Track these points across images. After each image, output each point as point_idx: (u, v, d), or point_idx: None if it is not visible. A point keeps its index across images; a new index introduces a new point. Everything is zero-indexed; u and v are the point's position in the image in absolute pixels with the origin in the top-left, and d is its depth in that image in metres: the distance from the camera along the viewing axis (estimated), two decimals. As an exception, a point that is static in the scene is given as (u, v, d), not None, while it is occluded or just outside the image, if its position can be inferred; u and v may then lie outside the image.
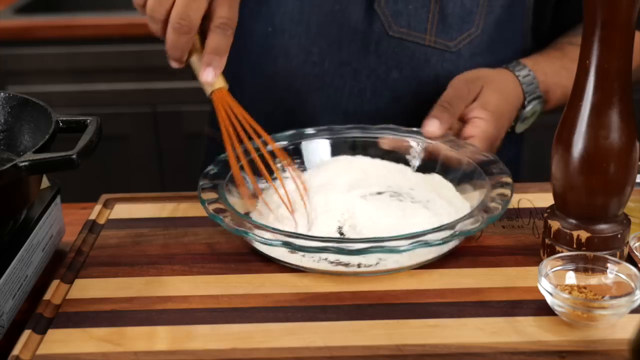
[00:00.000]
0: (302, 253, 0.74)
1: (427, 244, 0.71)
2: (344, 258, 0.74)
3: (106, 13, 1.92)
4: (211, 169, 0.85)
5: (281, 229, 0.76)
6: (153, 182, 2.01)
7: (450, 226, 0.73)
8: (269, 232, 0.73)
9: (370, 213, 0.80)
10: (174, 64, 0.82)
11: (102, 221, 0.87)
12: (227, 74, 0.82)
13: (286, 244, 0.71)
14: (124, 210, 0.89)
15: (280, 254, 0.75)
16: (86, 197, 0.97)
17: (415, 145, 0.90)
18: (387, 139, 0.91)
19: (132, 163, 2.00)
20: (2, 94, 0.82)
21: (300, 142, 0.91)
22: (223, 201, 0.78)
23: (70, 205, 0.93)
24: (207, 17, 0.79)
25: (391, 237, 0.72)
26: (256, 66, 1.07)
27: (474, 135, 0.90)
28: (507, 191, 0.79)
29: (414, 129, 0.92)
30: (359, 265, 0.74)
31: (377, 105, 1.03)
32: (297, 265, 0.75)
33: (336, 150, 0.92)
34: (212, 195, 0.79)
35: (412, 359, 0.64)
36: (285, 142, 0.91)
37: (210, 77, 0.80)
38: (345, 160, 0.90)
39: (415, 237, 0.71)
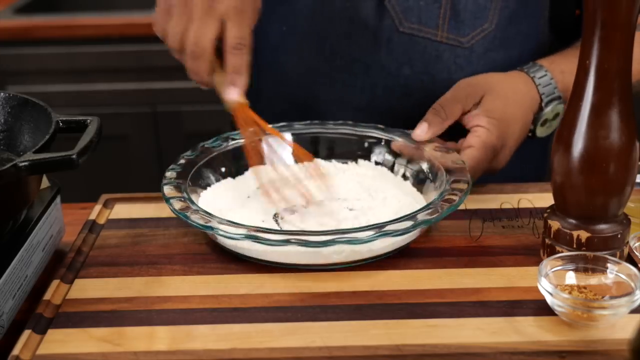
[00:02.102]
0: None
1: (390, 233, 0.72)
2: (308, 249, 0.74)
3: (106, 13, 1.92)
4: (173, 168, 0.86)
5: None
6: (153, 182, 2.00)
7: (411, 217, 0.74)
8: (234, 227, 0.74)
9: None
10: (201, 86, 0.85)
11: (102, 221, 0.87)
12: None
13: (250, 237, 0.72)
14: (124, 210, 0.89)
15: (245, 247, 0.77)
16: (86, 197, 0.97)
17: (377, 142, 0.93)
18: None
19: (132, 163, 2.00)
20: (2, 94, 0.82)
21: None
22: (187, 199, 0.79)
23: (70, 205, 0.93)
24: (222, 38, 0.82)
25: (354, 228, 0.73)
26: (271, 65, 1.08)
27: (472, 145, 0.88)
28: (463, 186, 0.79)
29: (372, 124, 0.94)
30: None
31: (389, 101, 1.03)
32: (261, 260, 0.76)
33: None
34: (175, 193, 0.81)
35: (411, 359, 0.64)
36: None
37: (235, 95, 0.82)
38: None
39: (378, 228, 0.72)
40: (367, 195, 0.86)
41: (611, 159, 0.71)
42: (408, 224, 0.73)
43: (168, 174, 0.85)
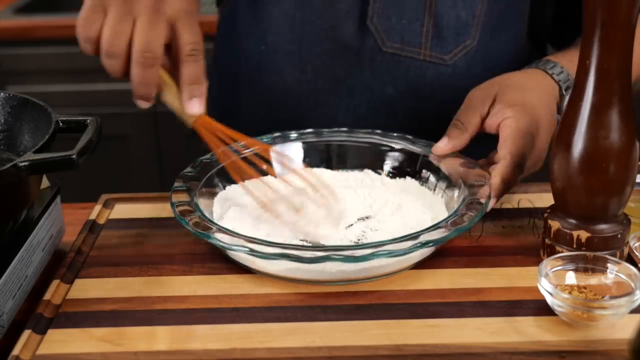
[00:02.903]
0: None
1: (389, 253, 0.69)
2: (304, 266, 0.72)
3: (106, 13, 1.92)
4: (188, 171, 0.85)
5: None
6: (153, 182, 2.01)
7: (414, 236, 0.71)
8: (231, 237, 0.72)
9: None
10: (142, 104, 0.76)
11: (102, 221, 0.87)
12: (225, 94, 0.80)
13: (247, 250, 0.70)
14: (124, 210, 0.89)
15: (243, 258, 0.75)
16: (86, 197, 0.97)
17: (394, 151, 0.91)
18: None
19: (132, 163, 2.00)
20: (2, 94, 0.82)
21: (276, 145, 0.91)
22: (192, 204, 0.78)
23: (70, 205, 0.93)
24: (169, 45, 0.75)
25: (351, 245, 0.71)
26: (251, 85, 1.06)
27: (507, 137, 0.83)
28: (476, 207, 0.76)
29: (397, 134, 0.92)
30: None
31: (373, 121, 1.01)
32: (260, 271, 0.75)
33: (309, 155, 0.92)
34: (183, 197, 0.79)
35: (412, 359, 0.64)
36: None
37: (197, 108, 0.77)
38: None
39: (376, 247, 0.70)
40: (381, 206, 0.84)
41: (611, 159, 0.71)
42: (410, 243, 0.70)
43: (175, 197, 0.80)
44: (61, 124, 0.77)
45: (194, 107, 0.77)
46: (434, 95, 1.01)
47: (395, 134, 0.91)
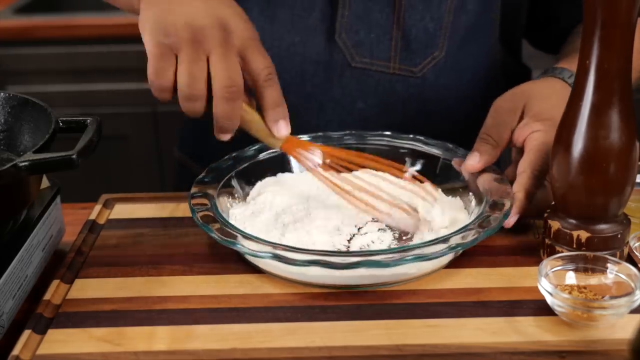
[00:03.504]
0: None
1: (420, 257, 0.69)
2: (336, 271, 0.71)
3: (106, 13, 1.92)
4: (204, 176, 0.84)
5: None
6: (153, 182, 2.01)
7: (444, 239, 0.71)
8: (256, 243, 0.72)
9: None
10: (225, 137, 0.77)
11: (102, 221, 0.87)
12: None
13: (275, 256, 0.70)
14: (124, 210, 0.89)
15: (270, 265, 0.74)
16: (86, 197, 0.97)
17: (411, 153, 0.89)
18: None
19: (132, 163, 2.00)
20: (2, 94, 0.82)
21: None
22: (213, 209, 0.77)
23: (70, 205, 0.93)
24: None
25: (380, 250, 0.71)
26: None
27: (532, 149, 0.80)
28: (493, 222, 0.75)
29: (410, 135, 0.91)
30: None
31: None
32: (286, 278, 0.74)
33: None
34: (202, 202, 0.79)
35: (412, 359, 0.64)
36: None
37: (284, 130, 0.78)
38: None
39: (404, 251, 0.70)
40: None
41: (611, 159, 0.71)
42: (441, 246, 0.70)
43: (195, 203, 0.79)
44: (61, 124, 0.77)
45: (282, 130, 0.78)
46: (404, 107, 1.00)
47: (404, 135, 0.91)
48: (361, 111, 1.01)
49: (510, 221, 0.77)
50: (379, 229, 0.80)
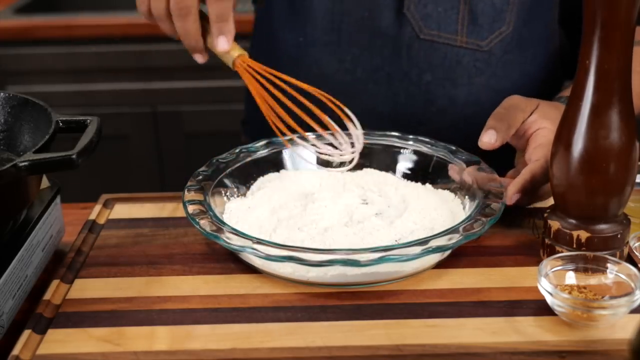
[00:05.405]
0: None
1: (397, 258, 0.69)
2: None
3: (106, 13, 1.92)
4: (203, 170, 0.85)
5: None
6: (153, 182, 2.01)
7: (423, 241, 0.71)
8: (240, 238, 0.72)
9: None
10: (198, 57, 0.83)
11: (102, 221, 0.87)
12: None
13: (255, 251, 0.70)
14: (124, 210, 0.89)
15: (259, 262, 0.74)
16: (86, 197, 0.97)
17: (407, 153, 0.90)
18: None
19: (132, 163, 2.00)
20: (2, 94, 0.82)
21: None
22: (205, 204, 0.78)
23: (70, 205, 0.93)
24: None
25: (358, 249, 0.70)
26: (290, 76, 1.07)
27: (540, 143, 0.83)
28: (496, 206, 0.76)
29: (411, 135, 0.91)
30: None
31: (411, 109, 1.04)
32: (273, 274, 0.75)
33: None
34: (196, 196, 0.79)
35: (411, 359, 0.64)
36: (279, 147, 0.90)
37: (224, 44, 0.80)
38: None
39: (381, 251, 0.69)
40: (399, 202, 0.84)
41: (611, 159, 0.71)
42: (418, 249, 0.70)
43: (189, 195, 0.80)
44: (61, 124, 0.77)
45: (222, 44, 0.81)
46: (470, 82, 1.02)
47: (411, 136, 0.91)
48: (428, 83, 1.03)
49: (512, 197, 0.79)
50: (375, 228, 0.79)
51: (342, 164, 0.85)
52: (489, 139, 0.83)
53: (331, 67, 1.05)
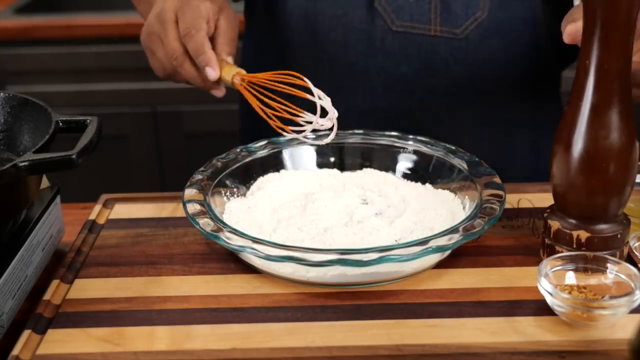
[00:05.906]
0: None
1: (397, 258, 0.69)
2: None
3: (106, 13, 1.92)
4: (203, 170, 0.85)
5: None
6: (153, 182, 2.00)
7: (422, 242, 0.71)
8: (240, 238, 0.72)
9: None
10: (217, 92, 0.91)
11: (102, 221, 0.87)
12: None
13: (255, 251, 0.70)
14: (123, 210, 0.89)
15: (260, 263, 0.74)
16: (86, 197, 0.97)
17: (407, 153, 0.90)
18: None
19: (132, 163, 2.00)
20: (2, 94, 0.82)
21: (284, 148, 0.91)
22: (205, 204, 0.78)
23: (70, 205, 0.93)
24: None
25: (358, 249, 0.70)
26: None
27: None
28: (496, 204, 0.76)
29: (410, 135, 0.91)
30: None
31: (391, 102, 1.03)
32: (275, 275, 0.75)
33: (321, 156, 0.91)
34: (196, 196, 0.79)
35: (411, 359, 0.64)
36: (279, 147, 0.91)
37: (212, 73, 0.87)
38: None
39: (380, 251, 0.69)
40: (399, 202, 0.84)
41: (611, 159, 0.71)
42: (418, 248, 0.70)
43: (188, 191, 0.80)
44: (61, 124, 0.77)
45: (210, 74, 0.87)
46: (448, 71, 1.01)
47: (410, 136, 0.91)
48: (406, 75, 1.02)
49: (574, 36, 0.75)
50: (375, 228, 0.79)
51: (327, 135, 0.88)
52: (573, 27, 0.76)
53: (310, 64, 1.04)
